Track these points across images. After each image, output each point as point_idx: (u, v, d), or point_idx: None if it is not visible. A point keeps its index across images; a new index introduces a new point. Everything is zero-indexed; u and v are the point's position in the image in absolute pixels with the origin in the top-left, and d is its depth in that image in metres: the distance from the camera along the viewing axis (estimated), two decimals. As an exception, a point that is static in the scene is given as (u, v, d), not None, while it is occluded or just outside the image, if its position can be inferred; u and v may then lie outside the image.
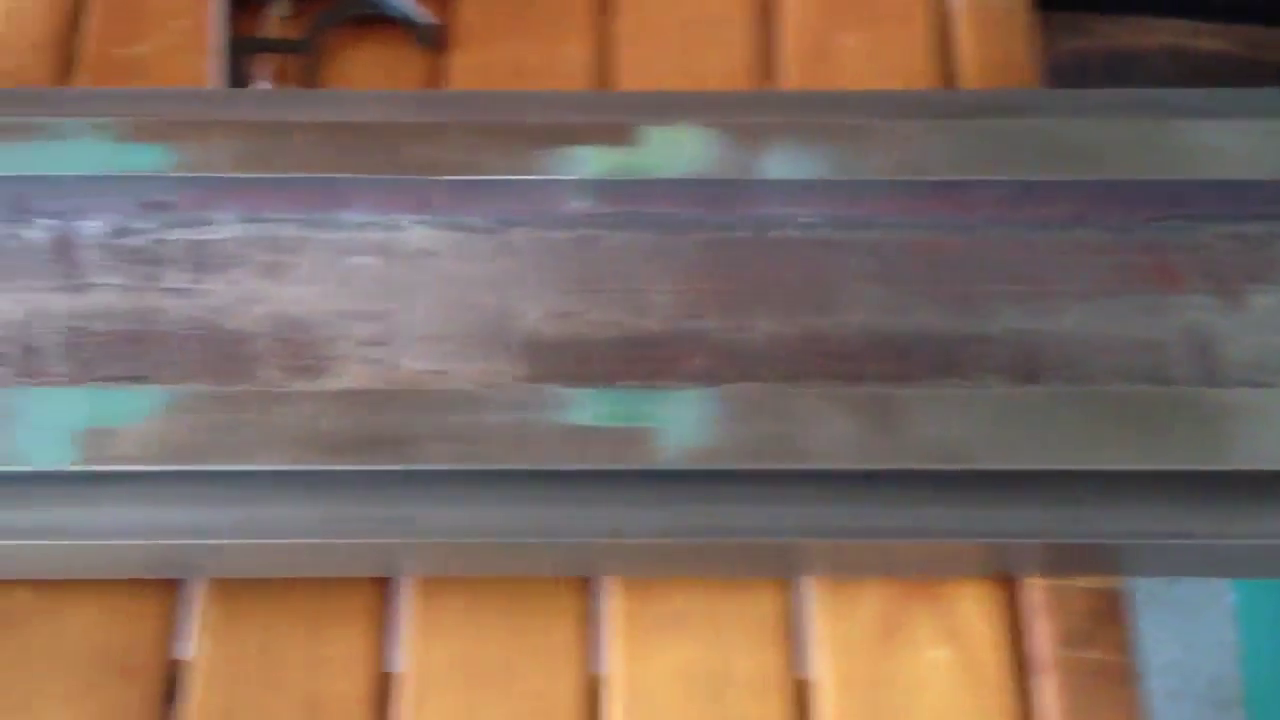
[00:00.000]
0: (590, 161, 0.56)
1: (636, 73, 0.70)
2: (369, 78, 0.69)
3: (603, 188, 0.57)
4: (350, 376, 0.54)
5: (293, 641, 0.55)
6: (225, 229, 0.57)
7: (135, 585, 0.56)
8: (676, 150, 0.57)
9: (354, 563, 0.55)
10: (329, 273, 0.57)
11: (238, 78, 0.66)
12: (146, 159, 0.56)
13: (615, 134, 0.57)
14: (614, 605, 0.57)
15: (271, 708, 0.54)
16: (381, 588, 0.57)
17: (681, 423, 0.52)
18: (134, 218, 0.57)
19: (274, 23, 0.69)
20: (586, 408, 0.52)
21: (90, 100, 0.58)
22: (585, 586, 0.57)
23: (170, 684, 0.55)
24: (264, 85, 0.68)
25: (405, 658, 0.56)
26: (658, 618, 0.57)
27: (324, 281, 0.56)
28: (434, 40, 0.69)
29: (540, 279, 0.57)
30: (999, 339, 0.56)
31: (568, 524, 0.53)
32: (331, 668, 0.55)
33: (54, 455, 0.50)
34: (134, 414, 0.51)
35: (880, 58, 0.69)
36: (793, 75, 0.69)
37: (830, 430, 0.52)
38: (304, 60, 0.68)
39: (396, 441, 0.51)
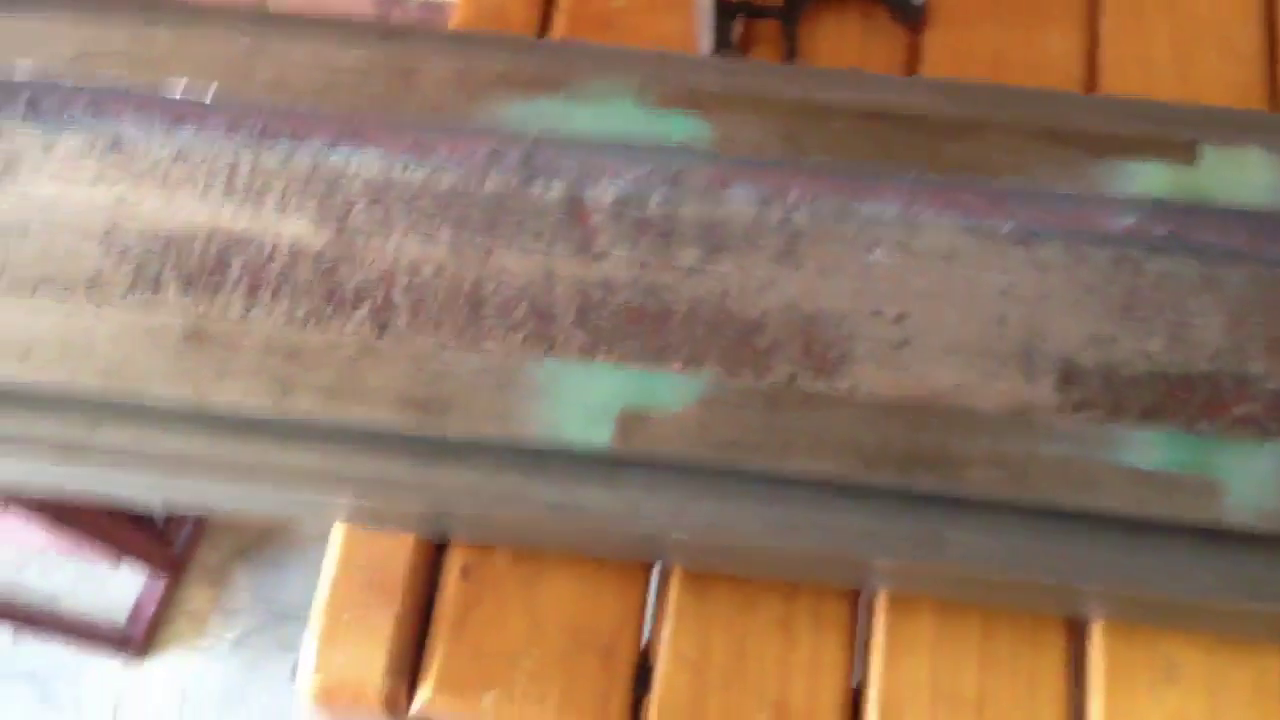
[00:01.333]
0: (1146, 178, 0.52)
1: (1125, 74, 0.65)
2: (841, 50, 0.66)
3: (1150, 208, 0.52)
4: (870, 380, 0.51)
5: (763, 642, 0.53)
6: (739, 208, 0.54)
7: (608, 564, 0.54)
8: (1238, 175, 0.52)
9: (856, 573, 0.52)
10: (846, 266, 0.53)
11: (722, 41, 0.62)
12: (678, 129, 0.53)
13: (1177, 151, 0.52)
14: (1098, 647, 0.53)
15: (740, 706, 0.52)
16: (852, 599, 0.54)
17: (1250, 478, 0.47)
18: (647, 187, 0.54)
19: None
20: (1147, 451, 0.48)
21: (611, 58, 0.55)
22: (1067, 624, 0.54)
23: (639, 669, 0.53)
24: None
25: (875, 674, 0.53)
26: (1148, 667, 0.53)
27: (841, 274, 0.53)
28: (914, 18, 0.65)
29: (1073, 299, 0.53)
30: None
31: (1087, 566, 0.49)
32: (803, 675, 0.53)
33: (591, 434, 0.48)
34: (672, 400, 0.48)
35: None
36: (1305, 91, 0.64)
37: None
38: (782, 27, 0.65)
39: (939, 462, 0.48)
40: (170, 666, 1.30)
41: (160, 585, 1.34)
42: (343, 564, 0.51)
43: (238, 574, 1.37)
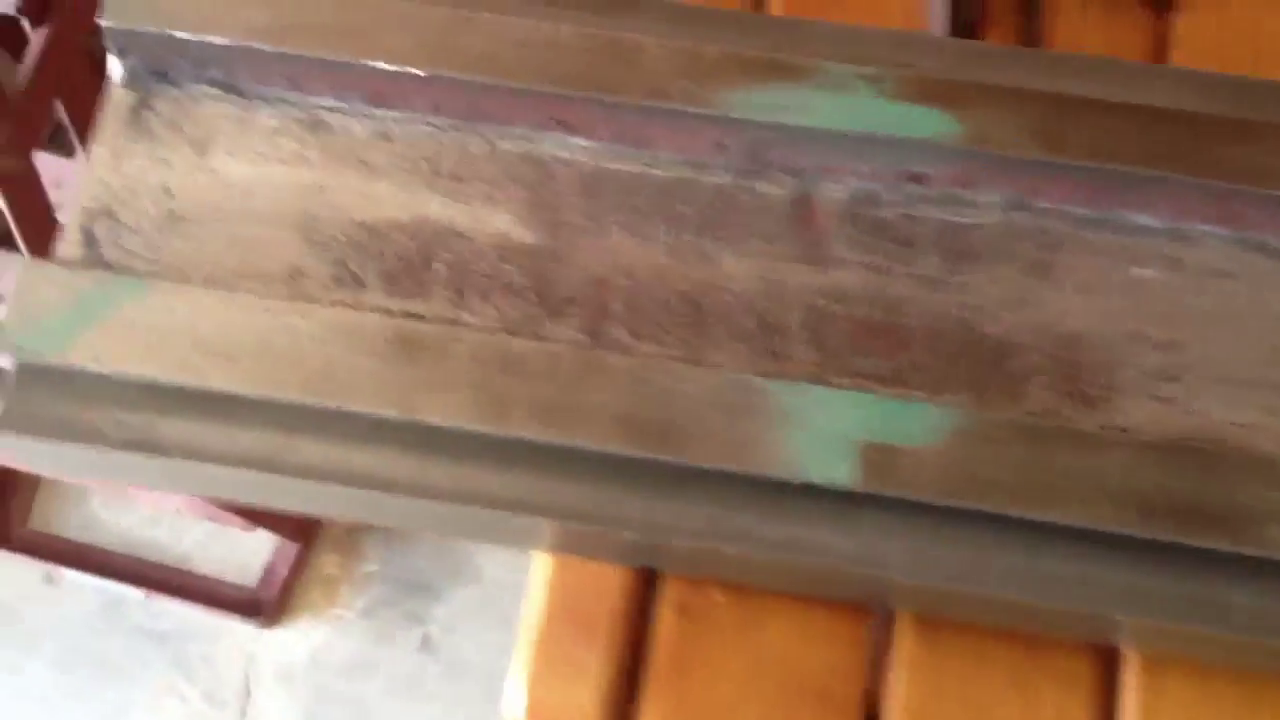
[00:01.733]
0: None
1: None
2: (1083, 34, 0.59)
3: None
4: (1139, 414, 0.46)
5: (1001, 698, 0.48)
6: (987, 214, 0.49)
7: (832, 606, 0.49)
8: None
9: (1112, 631, 0.47)
10: (1109, 282, 0.48)
11: (958, 21, 0.57)
12: (921, 123, 0.47)
13: None
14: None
15: (981, 766, 0.47)
16: (1099, 657, 0.49)
17: None
18: (885, 187, 0.49)
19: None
20: None
21: (845, 39, 0.50)
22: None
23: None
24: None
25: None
26: None
27: (1103, 292, 0.48)
28: (1163, -1, 0.59)
29: (1369, 328, 0.47)
30: None
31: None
32: (1045, 736, 0.47)
33: (832, 469, 0.43)
34: (921, 433, 0.43)
35: None
36: None
37: None
38: (1022, 7, 0.59)
39: (1227, 516, 0.42)
40: (301, 632, 1.29)
41: (293, 551, 1.33)
42: (550, 596, 0.47)
43: (366, 544, 1.35)
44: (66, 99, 0.69)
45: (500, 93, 0.49)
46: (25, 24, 0.63)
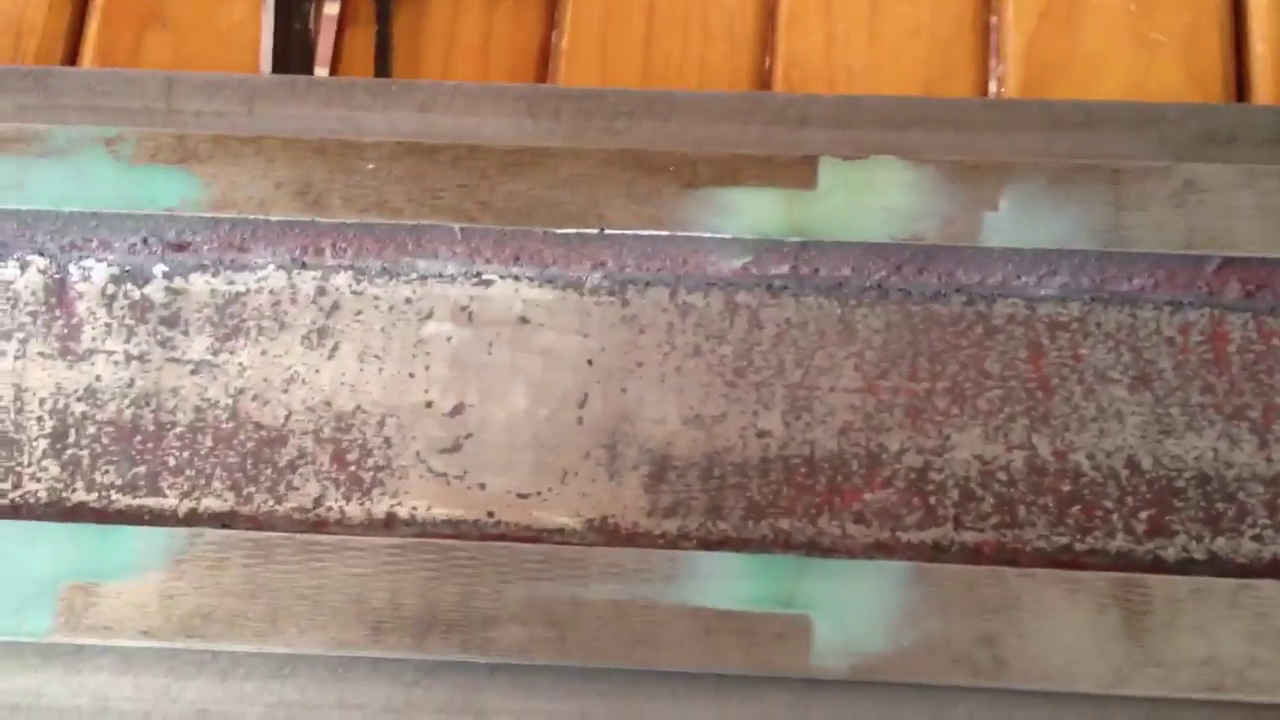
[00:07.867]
0: (756, 207, 0.41)
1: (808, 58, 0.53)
2: (457, 30, 0.53)
3: (763, 244, 0.42)
4: (415, 498, 0.41)
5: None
6: (260, 280, 0.43)
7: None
8: (867, 197, 0.41)
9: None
10: (392, 345, 0.43)
11: (286, 30, 0.50)
12: (168, 190, 0.42)
13: (791, 172, 0.41)
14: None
15: None
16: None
17: (849, 610, 0.37)
18: (146, 261, 0.43)
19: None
20: (722, 582, 0.38)
21: (87, 89, 0.44)
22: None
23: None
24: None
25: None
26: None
27: (385, 357, 0.43)
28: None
29: (673, 365, 0.42)
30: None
31: None
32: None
33: (27, 621, 0.38)
34: (131, 565, 0.38)
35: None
36: None
37: (1064, 638, 0.37)
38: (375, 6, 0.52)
39: (465, 624, 0.38)
40: None
41: None
42: None
43: None
44: None
45: None
46: None
